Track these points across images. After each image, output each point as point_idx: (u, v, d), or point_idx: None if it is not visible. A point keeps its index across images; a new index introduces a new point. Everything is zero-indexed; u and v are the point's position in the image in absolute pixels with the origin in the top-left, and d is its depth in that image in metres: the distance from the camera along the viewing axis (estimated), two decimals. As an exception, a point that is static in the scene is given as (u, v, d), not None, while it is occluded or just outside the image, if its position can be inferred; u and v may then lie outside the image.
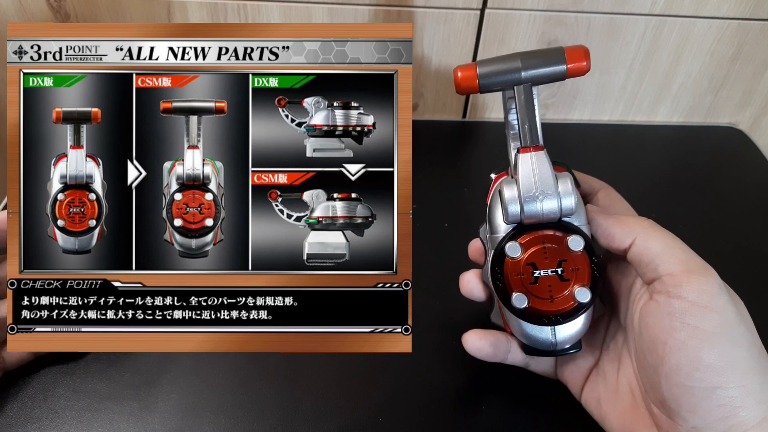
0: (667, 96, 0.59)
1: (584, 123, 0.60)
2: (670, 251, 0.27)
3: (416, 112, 0.58)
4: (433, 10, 0.51)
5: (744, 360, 0.25)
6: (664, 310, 0.26)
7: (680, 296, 0.25)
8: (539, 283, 0.29)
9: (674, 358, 0.25)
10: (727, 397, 0.24)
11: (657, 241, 0.27)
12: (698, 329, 0.25)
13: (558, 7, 0.51)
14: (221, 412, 0.33)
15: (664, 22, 0.53)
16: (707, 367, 0.24)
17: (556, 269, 0.29)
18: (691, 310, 0.25)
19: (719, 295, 0.25)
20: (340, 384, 0.35)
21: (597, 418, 0.31)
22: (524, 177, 0.28)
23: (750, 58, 0.56)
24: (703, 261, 0.27)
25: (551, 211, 0.28)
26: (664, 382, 0.26)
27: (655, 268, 0.27)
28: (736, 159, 0.57)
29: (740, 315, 0.26)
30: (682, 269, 0.26)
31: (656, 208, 0.50)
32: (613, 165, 0.55)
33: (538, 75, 0.30)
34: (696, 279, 0.26)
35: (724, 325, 0.25)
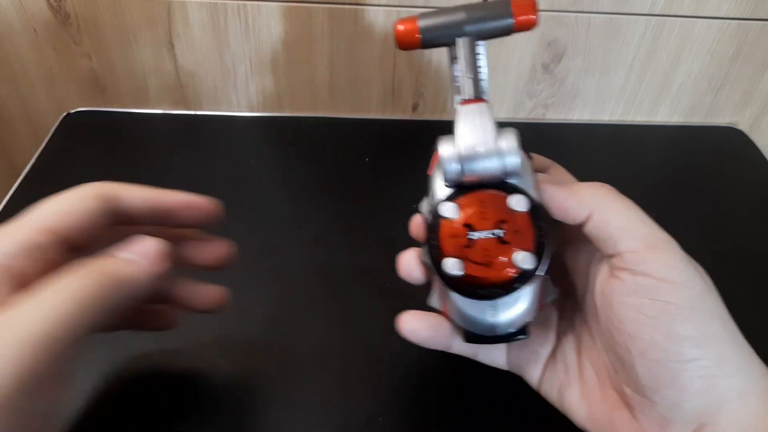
0: (667, 96, 0.59)
1: (584, 123, 0.60)
2: (631, 225, 0.25)
3: (416, 112, 0.58)
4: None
5: (719, 330, 0.24)
6: (629, 288, 0.25)
7: (645, 273, 0.24)
8: (476, 246, 0.26)
9: (647, 334, 0.24)
10: (705, 368, 0.23)
11: (616, 215, 0.26)
12: (669, 304, 0.24)
13: (558, 7, 0.51)
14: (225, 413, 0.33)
15: (664, 22, 0.53)
16: (684, 340, 0.23)
17: (495, 231, 0.26)
18: (659, 287, 0.24)
19: (686, 269, 0.24)
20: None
21: (560, 407, 0.30)
22: (463, 131, 0.26)
23: (750, 58, 0.56)
24: (665, 234, 0.26)
25: (493, 169, 0.26)
26: (638, 359, 0.24)
27: (615, 244, 0.25)
28: (736, 159, 0.57)
29: (708, 286, 0.25)
30: (644, 245, 0.25)
31: (656, 208, 0.50)
32: (613, 165, 0.55)
33: (483, 29, 0.28)
34: (660, 255, 0.24)
35: (695, 298, 0.24)
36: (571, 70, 0.56)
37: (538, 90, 0.58)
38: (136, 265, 0.25)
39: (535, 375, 0.31)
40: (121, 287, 0.24)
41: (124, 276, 0.25)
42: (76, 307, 0.22)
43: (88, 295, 0.23)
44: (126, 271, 0.25)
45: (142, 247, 0.26)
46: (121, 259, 0.25)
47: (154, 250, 0.26)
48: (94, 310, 0.23)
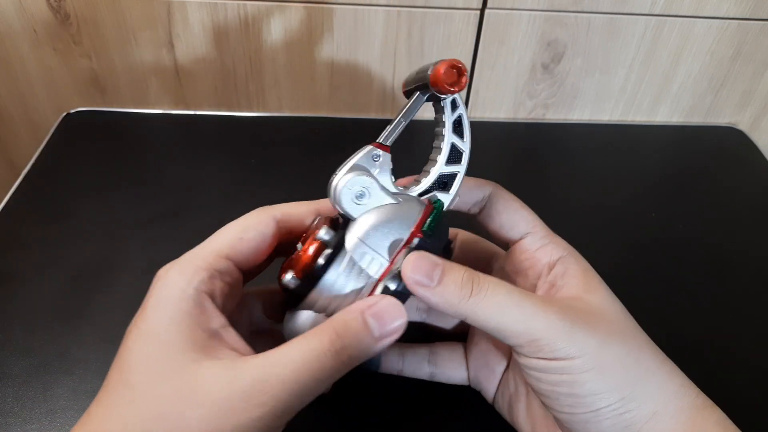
0: (667, 96, 0.59)
1: (584, 123, 0.60)
2: (507, 327, 0.25)
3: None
4: (433, 10, 0.51)
5: (620, 376, 0.25)
6: (526, 364, 0.25)
7: (536, 357, 0.25)
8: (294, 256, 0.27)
9: (552, 395, 0.25)
10: (613, 410, 0.24)
11: (487, 320, 0.25)
12: (564, 374, 0.24)
13: (558, 7, 0.51)
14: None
15: (664, 22, 0.53)
16: (585, 397, 0.24)
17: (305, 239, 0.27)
18: (551, 365, 0.25)
19: (571, 345, 0.24)
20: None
21: (509, 420, 0.31)
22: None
23: (750, 58, 0.56)
24: (545, 316, 0.25)
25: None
26: (551, 411, 0.26)
27: (504, 339, 0.25)
28: (736, 159, 0.57)
29: (602, 342, 0.25)
30: (526, 340, 0.24)
31: (656, 208, 0.50)
32: (613, 165, 0.55)
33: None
34: (544, 344, 0.24)
35: (588, 363, 0.24)
36: (571, 70, 0.56)
37: (538, 90, 0.58)
38: (374, 339, 0.24)
39: (491, 390, 0.32)
40: (354, 361, 0.24)
41: (362, 353, 0.24)
42: (316, 373, 0.23)
43: (329, 367, 0.23)
44: (363, 345, 0.24)
45: (387, 315, 0.24)
46: (363, 330, 0.24)
47: (400, 323, 0.24)
48: (329, 378, 0.23)
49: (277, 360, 0.23)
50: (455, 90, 0.26)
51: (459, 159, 0.28)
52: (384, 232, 0.26)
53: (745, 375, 0.37)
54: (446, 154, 0.28)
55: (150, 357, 0.23)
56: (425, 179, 0.28)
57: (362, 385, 0.33)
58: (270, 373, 0.22)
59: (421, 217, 0.26)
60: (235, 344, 0.24)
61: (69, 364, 0.35)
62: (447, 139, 0.28)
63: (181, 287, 0.24)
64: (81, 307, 0.38)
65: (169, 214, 0.46)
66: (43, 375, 0.34)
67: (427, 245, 0.26)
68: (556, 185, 0.51)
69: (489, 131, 0.58)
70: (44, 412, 0.33)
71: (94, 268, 0.41)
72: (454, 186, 0.28)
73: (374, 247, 0.26)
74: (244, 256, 0.27)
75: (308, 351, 0.23)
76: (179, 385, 0.22)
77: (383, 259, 0.26)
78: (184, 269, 0.25)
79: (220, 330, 0.24)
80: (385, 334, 0.24)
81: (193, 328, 0.23)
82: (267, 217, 0.28)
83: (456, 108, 0.28)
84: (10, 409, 0.33)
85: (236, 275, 0.27)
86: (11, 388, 0.34)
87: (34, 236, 0.44)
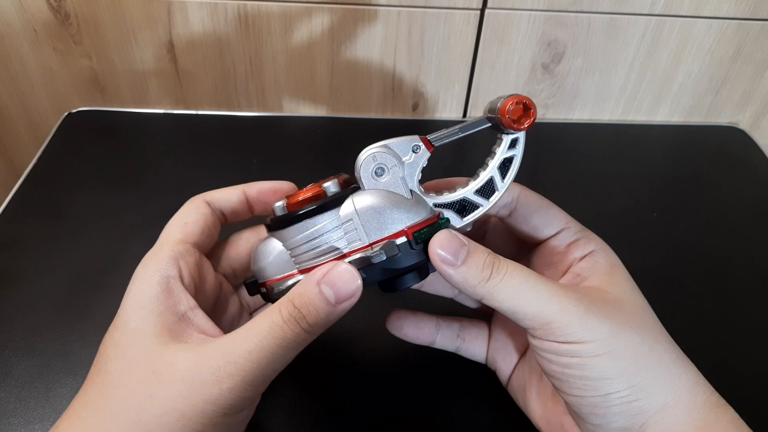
0: (667, 96, 0.59)
1: (584, 123, 0.60)
2: (521, 309, 0.25)
3: (416, 112, 0.59)
4: (433, 10, 0.51)
5: (630, 364, 0.25)
6: (538, 346, 0.26)
7: (549, 339, 0.25)
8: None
9: (563, 378, 0.26)
10: (622, 397, 0.25)
11: (503, 302, 0.26)
12: (575, 357, 0.25)
13: (558, 7, 0.51)
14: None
15: (664, 22, 0.53)
16: (595, 381, 0.25)
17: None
18: (563, 348, 0.25)
19: (584, 329, 0.25)
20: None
21: (521, 405, 0.32)
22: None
23: (750, 58, 0.56)
24: (560, 302, 0.25)
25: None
26: (561, 394, 0.26)
27: (519, 321, 0.26)
28: (738, 159, 0.57)
29: (616, 329, 0.25)
30: (539, 323, 0.25)
31: (656, 208, 0.50)
32: (613, 165, 0.55)
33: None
34: (556, 327, 0.25)
35: (600, 348, 0.25)
36: (571, 70, 0.56)
37: (538, 90, 0.58)
38: (331, 306, 0.24)
39: (506, 373, 0.33)
40: (316, 329, 0.25)
41: (321, 320, 0.24)
42: (280, 341, 0.24)
43: (291, 336, 0.24)
44: (322, 312, 0.24)
45: (340, 281, 0.25)
46: (321, 297, 0.24)
47: (354, 287, 0.25)
48: (295, 346, 0.24)
49: (242, 334, 0.24)
50: (516, 127, 0.26)
51: (489, 195, 0.28)
52: (380, 216, 0.26)
53: (745, 375, 0.37)
54: (481, 184, 0.28)
55: (121, 345, 0.25)
56: (448, 194, 0.28)
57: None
58: (236, 345, 0.24)
59: (421, 223, 0.26)
60: (203, 326, 0.26)
61: (71, 364, 0.35)
62: (489, 171, 0.28)
63: (147, 276, 0.26)
64: (83, 307, 0.39)
65: (170, 214, 0.45)
66: (45, 375, 0.35)
67: (410, 250, 0.26)
68: (556, 185, 0.51)
69: (489, 131, 0.58)
70: (47, 413, 0.33)
71: (96, 267, 0.41)
72: (469, 217, 0.28)
73: (363, 224, 0.26)
74: (196, 236, 0.29)
75: (270, 323, 0.24)
76: (148, 369, 0.23)
77: (365, 237, 0.26)
78: (148, 262, 0.27)
79: (188, 312, 0.25)
80: (341, 298, 0.25)
81: (161, 313, 0.25)
82: (199, 201, 0.30)
83: (513, 147, 0.27)
84: (13, 409, 0.33)
85: (197, 255, 0.28)
86: (14, 389, 0.34)
87: (35, 236, 0.44)
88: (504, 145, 0.27)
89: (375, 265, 0.25)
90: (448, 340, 0.34)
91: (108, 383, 0.24)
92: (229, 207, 0.31)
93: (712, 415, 0.25)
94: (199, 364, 0.23)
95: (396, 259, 0.25)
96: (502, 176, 0.28)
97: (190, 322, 0.25)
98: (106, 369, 0.24)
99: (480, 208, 0.28)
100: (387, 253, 0.25)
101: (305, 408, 0.34)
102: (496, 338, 0.34)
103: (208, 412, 0.23)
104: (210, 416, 0.23)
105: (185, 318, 0.25)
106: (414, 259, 0.26)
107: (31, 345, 0.36)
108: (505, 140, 0.27)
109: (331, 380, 0.35)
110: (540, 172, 0.53)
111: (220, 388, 0.23)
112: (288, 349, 0.24)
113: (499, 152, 0.28)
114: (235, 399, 0.23)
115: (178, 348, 0.24)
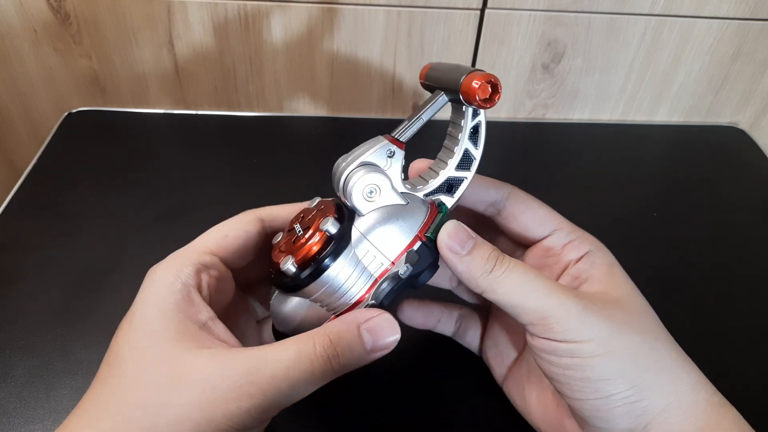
0: (667, 96, 0.59)
1: (584, 123, 0.60)
2: (520, 303, 0.25)
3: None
4: (433, 10, 0.51)
5: (630, 365, 0.25)
6: (538, 346, 0.26)
7: (548, 338, 0.25)
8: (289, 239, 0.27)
9: (564, 380, 0.26)
10: (624, 398, 0.25)
11: (504, 295, 0.26)
12: (575, 358, 0.25)
13: (558, 7, 0.51)
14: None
15: (664, 22, 0.53)
16: (597, 382, 0.25)
17: (300, 226, 0.27)
18: (561, 347, 0.25)
19: (582, 327, 0.25)
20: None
21: (519, 408, 0.32)
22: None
23: (750, 58, 0.56)
24: (558, 297, 0.25)
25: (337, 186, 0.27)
26: (563, 397, 0.26)
27: (517, 316, 0.26)
28: (738, 158, 0.57)
29: (615, 328, 0.25)
30: (538, 317, 0.25)
31: (656, 207, 0.50)
32: (613, 165, 0.55)
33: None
34: (554, 323, 0.25)
35: (599, 348, 0.25)
36: (571, 70, 0.56)
37: (538, 90, 0.58)
38: (366, 352, 0.24)
39: (500, 374, 0.33)
40: (344, 370, 0.24)
41: (353, 363, 0.24)
42: (307, 375, 0.23)
43: (319, 372, 0.23)
44: (356, 356, 0.24)
45: (382, 330, 0.24)
46: (360, 341, 0.24)
47: (393, 339, 0.25)
48: (317, 382, 0.24)
49: (269, 356, 0.23)
50: (487, 106, 0.26)
51: (469, 165, 0.28)
52: (389, 232, 0.26)
53: (746, 375, 0.37)
54: (458, 159, 0.28)
55: (139, 347, 0.24)
56: (433, 180, 0.28)
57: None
58: (261, 367, 0.23)
59: (426, 221, 0.27)
60: (224, 337, 0.25)
61: (72, 364, 0.35)
62: (462, 144, 0.28)
63: (168, 282, 0.25)
64: (83, 307, 0.39)
65: (170, 214, 0.46)
66: (45, 375, 0.35)
67: (427, 249, 0.26)
68: (556, 185, 0.51)
69: (489, 131, 0.57)
70: (47, 413, 0.33)
71: (96, 267, 0.41)
72: (459, 191, 0.29)
73: (378, 246, 0.26)
74: (230, 252, 0.28)
75: (301, 352, 0.23)
76: (168, 373, 0.23)
77: (385, 258, 0.26)
78: (171, 266, 0.26)
79: (208, 322, 0.25)
80: (378, 348, 0.25)
81: (181, 320, 0.24)
82: (252, 216, 0.29)
83: (477, 115, 0.28)
84: (13, 409, 0.33)
85: (223, 270, 0.27)
86: (14, 389, 0.34)
87: (35, 237, 0.44)
88: (469, 116, 0.28)
89: (402, 280, 0.25)
90: (446, 324, 0.35)
91: (122, 384, 0.23)
92: (284, 227, 0.29)
93: (714, 415, 0.25)
94: (221, 374, 0.22)
95: (419, 264, 0.26)
96: (474, 145, 0.28)
97: (210, 331, 0.25)
98: (121, 370, 0.23)
99: (465, 180, 0.29)
100: (411, 263, 0.26)
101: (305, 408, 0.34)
102: (490, 336, 0.34)
103: (221, 426, 0.22)
104: (221, 429, 0.22)
105: (206, 327, 0.25)
106: (433, 255, 0.26)
107: (31, 345, 0.36)
108: (469, 111, 0.28)
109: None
110: (540, 172, 0.53)
111: (238, 406, 0.22)
112: (312, 383, 0.23)
113: (466, 124, 0.28)
114: (250, 419, 0.23)
115: (200, 354, 0.23)
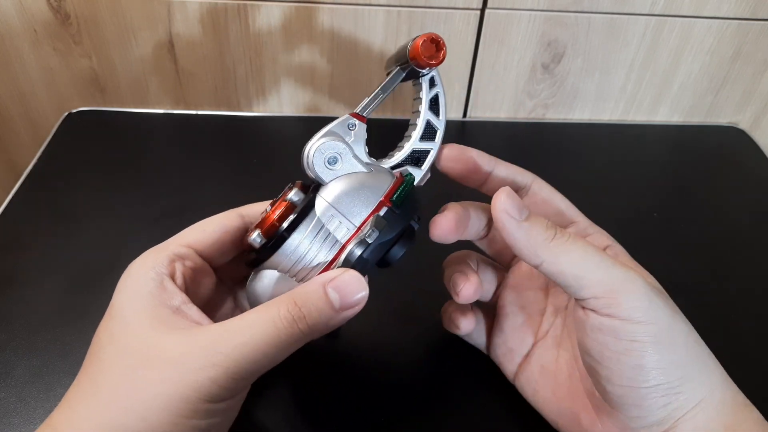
0: (667, 96, 0.59)
1: (584, 123, 0.60)
2: (587, 274, 0.25)
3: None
4: (433, 10, 0.51)
5: (681, 355, 0.25)
6: (594, 324, 0.25)
7: (609, 315, 0.24)
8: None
9: (613, 364, 0.25)
10: (669, 389, 0.24)
11: (568, 264, 0.25)
12: (634, 342, 0.24)
13: (558, 7, 0.51)
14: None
15: (664, 22, 0.53)
16: (651, 370, 0.24)
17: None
18: (622, 327, 0.24)
19: (649, 307, 0.24)
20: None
21: (532, 402, 0.31)
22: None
23: (750, 58, 0.56)
24: (625, 271, 0.25)
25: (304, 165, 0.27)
26: (606, 383, 0.25)
27: (576, 291, 0.25)
28: (738, 158, 0.57)
29: (672, 317, 0.25)
30: (603, 290, 0.24)
31: (656, 208, 0.50)
32: (613, 165, 0.55)
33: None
34: (621, 298, 0.24)
35: (659, 333, 0.24)
36: (571, 70, 0.56)
37: (538, 90, 0.58)
38: (335, 311, 0.24)
39: (511, 370, 0.33)
40: (313, 332, 0.24)
41: (321, 324, 0.24)
42: (271, 338, 0.23)
43: (285, 335, 0.24)
44: (324, 316, 0.24)
45: (349, 287, 0.24)
46: (326, 300, 0.24)
47: (361, 296, 0.25)
48: (286, 346, 0.24)
49: (234, 324, 0.24)
50: (433, 63, 0.27)
51: (433, 136, 0.29)
52: (354, 198, 0.26)
53: (746, 375, 0.37)
54: (421, 130, 0.29)
55: (115, 334, 0.25)
56: (398, 153, 0.29)
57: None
58: (225, 334, 0.23)
59: (391, 188, 0.27)
60: (197, 318, 0.25)
61: (72, 364, 0.35)
62: (423, 115, 0.29)
63: (143, 273, 0.26)
64: (83, 307, 0.39)
65: (170, 214, 0.46)
66: (45, 375, 0.35)
67: (395, 216, 0.26)
68: (556, 185, 0.51)
69: (489, 131, 0.58)
70: (47, 413, 0.32)
71: (96, 268, 0.41)
72: (426, 162, 0.29)
73: (343, 212, 0.26)
74: (207, 246, 0.28)
75: (264, 317, 0.24)
76: (141, 355, 0.23)
77: (351, 224, 0.26)
78: (146, 259, 0.27)
79: (181, 306, 0.25)
80: (346, 305, 0.24)
81: (155, 306, 0.25)
82: (232, 213, 0.29)
83: (434, 86, 0.28)
84: (13, 409, 0.33)
85: (199, 262, 0.28)
86: (14, 389, 0.34)
87: (36, 237, 0.44)
88: (426, 87, 0.28)
89: (371, 244, 0.26)
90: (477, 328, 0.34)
91: (99, 371, 0.24)
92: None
93: (740, 414, 0.25)
94: (189, 349, 0.23)
95: (386, 230, 0.26)
96: (436, 115, 0.29)
97: (184, 315, 0.25)
98: (99, 357, 0.24)
99: (431, 151, 0.29)
100: (378, 228, 0.26)
101: (305, 407, 0.34)
102: (498, 333, 0.33)
103: (191, 397, 0.22)
104: (193, 402, 0.23)
105: (179, 311, 0.25)
106: (401, 223, 0.26)
107: (31, 345, 0.36)
108: (425, 82, 0.28)
109: (330, 379, 0.35)
110: (540, 172, 0.53)
111: (206, 376, 0.23)
112: (279, 348, 0.24)
113: (424, 95, 0.28)
114: (218, 389, 0.23)
115: (171, 334, 0.24)
